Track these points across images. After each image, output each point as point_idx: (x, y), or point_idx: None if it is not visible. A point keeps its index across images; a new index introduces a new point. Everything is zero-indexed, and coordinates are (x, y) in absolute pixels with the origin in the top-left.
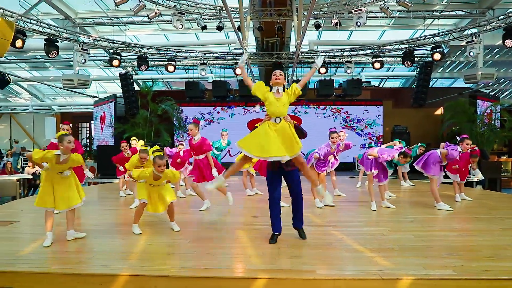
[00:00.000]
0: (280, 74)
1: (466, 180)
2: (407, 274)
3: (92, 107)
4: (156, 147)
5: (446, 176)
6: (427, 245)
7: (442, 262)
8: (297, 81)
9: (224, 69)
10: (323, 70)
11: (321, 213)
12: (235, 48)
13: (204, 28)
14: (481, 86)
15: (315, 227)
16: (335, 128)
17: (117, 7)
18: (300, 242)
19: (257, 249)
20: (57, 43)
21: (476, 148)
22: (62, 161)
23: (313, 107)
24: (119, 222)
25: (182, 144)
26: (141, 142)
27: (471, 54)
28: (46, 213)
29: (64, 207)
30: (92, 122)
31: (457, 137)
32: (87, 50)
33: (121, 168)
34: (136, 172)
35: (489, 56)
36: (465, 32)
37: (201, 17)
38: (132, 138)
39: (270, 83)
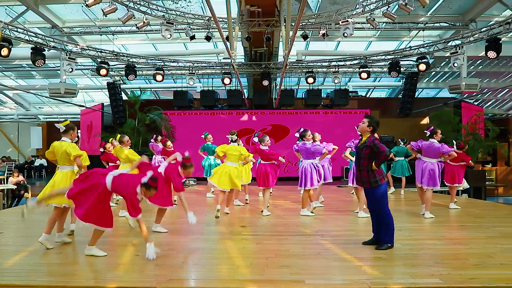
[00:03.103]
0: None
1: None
2: (395, 283)
3: (79, 116)
4: None
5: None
6: (414, 254)
7: (429, 270)
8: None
9: (212, 78)
10: (311, 80)
11: (309, 222)
12: (224, 58)
13: (192, 38)
14: (465, 96)
15: (304, 236)
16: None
17: (105, 16)
18: (288, 252)
19: (246, 259)
20: (43, 52)
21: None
22: None
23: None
24: (106, 233)
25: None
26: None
27: (455, 65)
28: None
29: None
30: (78, 131)
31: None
32: (74, 59)
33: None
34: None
35: (472, 67)
36: (449, 44)
37: (189, 27)
38: (110, 140)
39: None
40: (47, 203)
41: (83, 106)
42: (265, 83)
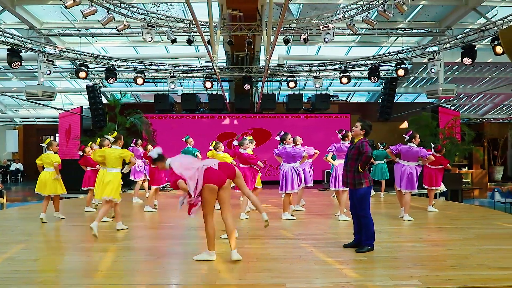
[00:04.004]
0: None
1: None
2: (375, 285)
3: (57, 119)
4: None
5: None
6: (394, 256)
7: (408, 272)
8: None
9: (194, 82)
10: (292, 84)
11: (291, 226)
12: (205, 62)
13: (174, 41)
14: (442, 101)
15: (285, 240)
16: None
17: (85, 18)
18: (270, 256)
19: (227, 263)
20: (20, 54)
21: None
22: None
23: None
24: (84, 239)
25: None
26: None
27: (433, 70)
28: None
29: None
30: (57, 135)
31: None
32: (52, 61)
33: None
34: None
35: (449, 72)
36: (427, 50)
37: (171, 30)
38: (90, 143)
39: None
40: None
41: (61, 109)
42: (247, 87)
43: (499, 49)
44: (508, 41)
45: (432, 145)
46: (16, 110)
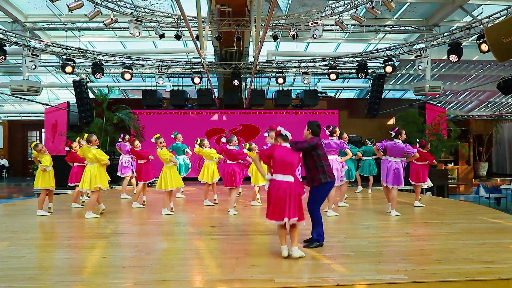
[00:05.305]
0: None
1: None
2: (362, 279)
3: (43, 115)
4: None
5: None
6: (381, 251)
7: (395, 267)
8: None
9: (182, 78)
10: (281, 80)
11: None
12: (194, 57)
13: (162, 36)
14: (429, 98)
15: (273, 236)
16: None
17: (71, 12)
18: (258, 251)
19: (215, 259)
20: (4, 48)
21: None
22: None
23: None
24: (71, 235)
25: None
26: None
27: (420, 67)
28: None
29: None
30: (43, 130)
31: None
32: (37, 56)
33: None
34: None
35: (436, 69)
36: (414, 47)
37: (159, 25)
38: (77, 139)
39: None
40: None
41: (47, 104)
42: (236, 83)
43: (484, 47)
44: (494, 39)
45: (418, 140)
46: (0, 105)
